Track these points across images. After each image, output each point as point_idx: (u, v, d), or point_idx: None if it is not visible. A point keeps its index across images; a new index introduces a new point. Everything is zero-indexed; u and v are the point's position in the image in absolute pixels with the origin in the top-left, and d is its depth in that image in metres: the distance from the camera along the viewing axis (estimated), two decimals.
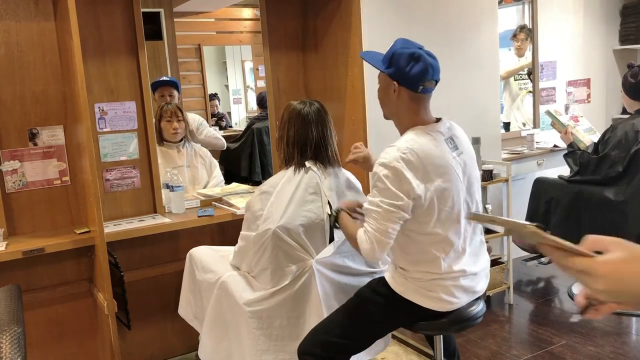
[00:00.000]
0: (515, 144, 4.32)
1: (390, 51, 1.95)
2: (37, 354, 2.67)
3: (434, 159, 1.87)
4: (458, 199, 1.91)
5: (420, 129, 1.92)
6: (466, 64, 3.69)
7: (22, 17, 2.55)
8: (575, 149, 3.56)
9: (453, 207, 1.90)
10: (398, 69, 1.91)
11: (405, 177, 1.83)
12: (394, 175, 1.84)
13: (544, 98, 4.52)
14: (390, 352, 2.87)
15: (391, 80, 1.94)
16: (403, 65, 1.90)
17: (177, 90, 3.56)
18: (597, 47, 4.71)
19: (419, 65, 1.89)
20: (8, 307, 1.61)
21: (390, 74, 1.93)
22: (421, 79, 1.90)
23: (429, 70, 1.90)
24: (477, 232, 2.04)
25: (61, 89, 2.63)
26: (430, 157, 1.87)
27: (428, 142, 1.89)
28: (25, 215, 2.64)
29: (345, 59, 2.86)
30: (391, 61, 1.93)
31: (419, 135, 1.90)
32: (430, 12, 3.49)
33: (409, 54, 1.90)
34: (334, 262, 2.21)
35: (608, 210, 3.28)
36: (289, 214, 2.13)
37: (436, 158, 1.87)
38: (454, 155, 1.93)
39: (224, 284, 2.26)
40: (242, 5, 4.29)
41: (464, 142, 2.02)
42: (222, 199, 2.97)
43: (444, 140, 1.93)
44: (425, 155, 1.86)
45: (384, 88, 2.00)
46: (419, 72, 1.89)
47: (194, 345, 2.53)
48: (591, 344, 3.04)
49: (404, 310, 1.99)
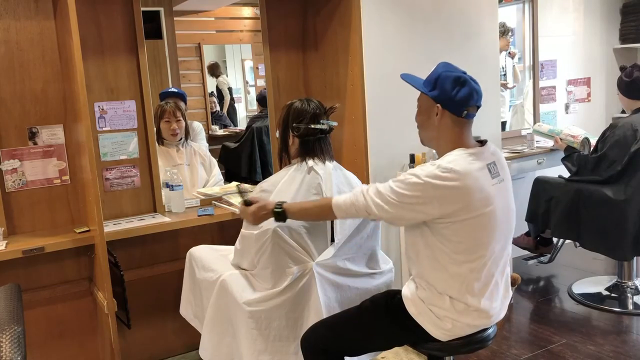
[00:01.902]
0: (515, 143, 4.32)
1: (434, 74, 1.90)
2: (37, 353, 2.67)
3: (473, 185, 1.77)
4: (492, 228, 1.82)
5: (464, 151, 1.84)
6: (466, 63, 3.64)
7: (22, 16, 2.54)
8: (571, 152, 3.57)
9: (485, 237, 1.82)
10: (443, 92, 1.85)
11: (432, 196, 1.76)
12: (420, 189, 1.77)
13: (544, 97, 4.52)
14: (390, 351, 2.86)
15: (434, 104, 1.88)
16: (449, 89, 1.84)
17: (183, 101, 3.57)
18: (597, 46, 4.71)
19: (465, 90, 1.84)
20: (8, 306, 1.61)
21: (435, 96, 1.87)
22: (466, 103, 1.85)
23: (473, 95, 1.86)
24: (505, 271, 1.96)
25: (61, 87, 2.63)
26: (468, 182, 1.76)
27: (469, 166, 1.80)
28: (25, 215, 2.64)
29: (345, 58, 2.86)
30: (436, 84, 1.87)
31: (461, 157, 1.81)
32: (431, 11, 3.48)
33: (455, 78, 1.85)
34: (335, 264, 2.21)
35: (608, 209, 3.28)
36: None
37: (476, 184, 1.78)
38: (494, 182, 1.84)
39: (224, 282, 2.26)
40: (242, 4, 4.29)
41: (505, 170, 1.93)
42: (222, 198, 2.97)
43: (486, 165, 1.84)
44: (465, 178, 1.76)
45: (426, 111, 1.92)
46: (465, 96, 1.84)
47: (194, 345, 2.53)
48: (591, 343, 3.04)
49: (412, 331, 1.93)
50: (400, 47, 3.37)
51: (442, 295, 1.87)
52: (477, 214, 1.79)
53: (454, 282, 1.85)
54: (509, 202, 1.92)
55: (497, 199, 1.83)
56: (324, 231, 2.20)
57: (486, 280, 1.87)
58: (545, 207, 3.58)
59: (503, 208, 1.87)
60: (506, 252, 1.94)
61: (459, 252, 1.83)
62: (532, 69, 4.50)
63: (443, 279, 1.86)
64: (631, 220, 3.24)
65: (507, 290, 1.99)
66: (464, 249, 1.82)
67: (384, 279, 2.35)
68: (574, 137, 3.81)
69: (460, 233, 1.80)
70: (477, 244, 1.82)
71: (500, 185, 1.86)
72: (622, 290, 3.60)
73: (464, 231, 1.80)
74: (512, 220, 1.95)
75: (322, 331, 2.04)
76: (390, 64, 3.29)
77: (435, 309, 1.88)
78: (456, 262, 1.84)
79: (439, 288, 1.87)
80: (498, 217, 1.83)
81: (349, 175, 2.34)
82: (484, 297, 1.87)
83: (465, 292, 1.85)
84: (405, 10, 3.39)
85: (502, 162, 1.94)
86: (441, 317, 1.87)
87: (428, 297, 1.89)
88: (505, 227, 1.90)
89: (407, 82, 1.98)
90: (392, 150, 3.30)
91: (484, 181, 1.81)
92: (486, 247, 1.83)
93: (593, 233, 3.39)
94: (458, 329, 1.88)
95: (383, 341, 2.06)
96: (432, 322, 1.88)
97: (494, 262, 1.88)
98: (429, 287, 1.89)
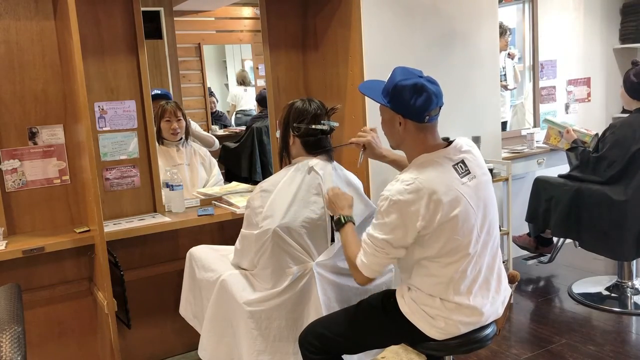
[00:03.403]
0: (515, 143, 4.32)
1: (389, 83, 1.90)
2: (37, 353, 2.67)
3: (439, 187, 1.80)
4: (468, 227, 1.83)
5: (425, 158, 1.87)
6: (466, 63, 3.68)
7: (22, 16, 2.54)
8: (579, 144, 3.56)
9: (463, 236, 1.83)
10: (402, 103, 1.86)
11: (408, 210, 1.78)
12: (395, 209, 1.80)
13: (544, 97, 4.52)
14: (390, 351, 2.86)
15: (395, 114, 1.89)
16: (407, 99, 1.84)
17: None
18: (597, 46, 4.71)
19: (423, 97, 1.84)
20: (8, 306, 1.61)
21: (394, 108, 1.89)
22: (426, 109, 1.85)
23: (432, 99, 1.85)
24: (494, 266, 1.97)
25: (61, 87, 2.63)
26: (435, 188, 1.79)
27: (433, 171, 1.83)
28: (25, 214, 2.64)
29: (345, 58, 2.86)
30: (393, 95, 1.88)
31: (424, 166, 1.84)
32: (430, 11, 3.48)
33: (411, 86, 1.84)
34: (335, 265, 2.21)
35: (608, 209, 3.28)
36: (292, 214, 2.13)
37: (441, 187, 1.80)
38: (463, 181, 1.85)
39: (224, 282, 2.26)
40: (242, 4, 4.29)
41: (477, 166, 1.92)
42: (222, 198, 2.97)
43: (452, 166, 1.86)
44: (429, 184, 1.79)
45: (389, 121, 1.94)
46: (423, 103, 1.84)
47: (194, 345, 2.53)
48: (591, 343, 3.04)
49: (407, 331, 1.95)
50: (400, 47, 3.37)
51: (432, 297, 1.90)
52: (451, 216, 1.80)
53: (441, 286, 1.88)
54: (485, 197, 1.91)
55: (469, 197, 1.84)
56: (324, 231, 2.20)
57: (474, 278, 1.89)
58: (545, 206, 3.58)
59: (478, 204, 1.87)
60: (491, 248, 1.94)
61: (442, 256, 1.84)
62: (532, 69, 4.50)
63: (431, 283, 1.89)
64: (632, 221, 3.23)
65: (500, 286, 1.99)
66: (447, 252, 1.84)
67: (384, 279, 2.35)
68: (587, 130, 3.80)
69: (440, 238, 1.82)
70: (457, 245, 1.83)
71: (472, 182, 1.87)
72: (622, 290, 3.61)
73: (443, 235, 1.81)
74: (491, 213, 1.94)
75: (320, 330, 2.05)
76: (390, 64, 3.27)
77: (427, 308, 1.90)
78: (441, 265, 1.86)
79: (428, 291, 1.90)
80: (471, 215, 1.84)
81: (349, 176, 2.34)
82: (473, 295, 1.89)
83: (454, 292, 1.87)
84: (406, 10, 3.40)
85: (475, 159, 1.93)
86: (434, 316, 1.89)
87: (419, 297, 1.92)
88: (484, 223, 1.90)
89: (365, 94, 2.01)
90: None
91: (450, 183, 1.83)
92: (467, 246, 1.85)
93: (592, 233, 3.38)
94: (452, 327, 1.90)
95: (380, 339, 2.08)
96: (426, 321, 1.91)
97: (479, 259, 1.90)
98: (417, 290, 1.93)
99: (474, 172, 1.90)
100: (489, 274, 1.94)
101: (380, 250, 1.86)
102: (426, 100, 1.84)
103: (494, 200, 1.98)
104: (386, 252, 1.86)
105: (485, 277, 1.93)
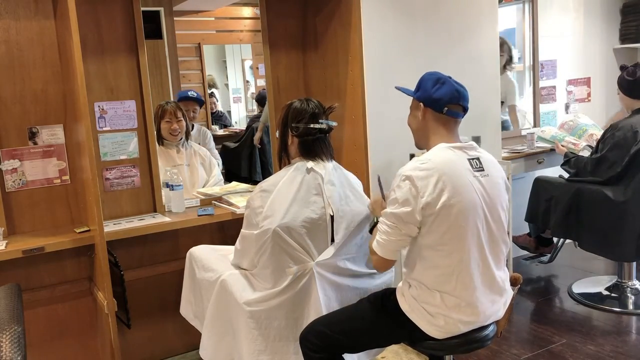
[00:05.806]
0: (515, 143, 4.32)
1: (420, 79, 2.06)
2: (37, 353, 2.67)
3: (451, 171, 1.86)
4: (473, 217, 1.86)
5: (444, 145, 1.95)
6: (466, 63, 3.68)
7: (22, 16, 2.54)
8: (569, 157, 3.58)
9: (466, 225, 1.86)
10: (424, 91, 2.00)
11: (417, 184, 1.84)
12: (406, 184, 1.86)
13: (544, 97, 4.52)
14: (390, 351, 2.87)
15: (418, 103, 2.02)
16: (429, 87, 1.99)
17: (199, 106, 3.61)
18: (597, 46, 4.71)
19: (444, 88, 1.97)
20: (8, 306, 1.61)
21: (418, 96, 2.02)
22: (446, 100, 1.96)
23: (454, 93, 1.97)
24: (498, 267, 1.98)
25: (61, 87, 2.63)
26: (446, 170, 1.85)
27: (448, 157, 1.90)
28: (25, 214, 2.64)
29: (345, 58, 2.86)
30: (419, 86, 2.04)
31: (441, 150, 1.93)
32: (431, 11, 3.48)
33: (436, 78, 2.00)
34: (335, 264, 2.21)
35: (608, 210, 3.28)
36: (292, 214, 2.13)
37: (453, 171, 1.87)
38: (475, 174, 1.91)
39: (224, 282, 2.26)
40: (242, 4, 4.29)
41: (494, 168, 1.99)
42: (222, 198, 2.97)
43: (467, 158, 1.93)
44: (442, 166, 1.86)
45: (414, 109, 2.07)
46: (444, 93, 1.96)
47: (194, 344, 2.53)
48: (591, 343, 3.04)
49: (407, 329, 1.97)
50: (400, 47, 3.37)
51: (433, 292, 1.91)
52: (455, 201, 1.84)
53: (443, 277, 1.89)
54: (496, 197, 1.95)
55: (477, 189, 1.89)
56: (324, 231, 2.20)
57: (476, 274, 1.90)
58: (545, 206, 3.58)
59: (486, 200, 1.91)
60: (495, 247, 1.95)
61: (445, 243, 1.87)
62: (532, 69, 4.50)
63: (433, 275, 1.91)
64: (632, 222, 3.23)
65: (502, 287, 2.00)
66: (449, 239, 1.86)
67: (384, 279, 2.35)
68: (574, 145, 3.84)
69: (443, 222, 1.84)
70: (460, 233, 1.86)
71: (484, 179, 1.92)
72: (622, 290, 3.61)
73: (447, 220, 1.84)
74: (499, 214, 1.96)
75: (321, 328, 2.05)
76: (390, 64, 3.30)
77: (427, 306, 1.92)
78: (443, 254, 1.88)
79: (430, 285, 1.92)
80: (477, 206, 1.88)
81: (349, 175, 2.34)
82: (474, 291, 1.90)
83: (455, 285, 1.88)
84: (405, 10, 3.39)
85: (491, 162, 2.00)
86: (434, 314, 1.91)
87: (420, 295, 1.93)
88: (491, 220, 1.92)
89: (400, 89, 2.13)
90: (392, 150, 3.30)
91: (463, 171, 1.88)
92: (470, 236, 1.87)
93: (592, 234, 3.39)
94: (452, 326, 1.91)
95: (380, 338, 2.09)
96: (425, 319, 1.92)
97: (483, 255, 1.91)
98: (419, 286, 1.94)
99: (488, 170, 1.96)
100: (491, 274, 1.95)
101: (393, 226, 1.89)
102: (447, 91, 1.96)
103: (505, 203, 2.01)
104: (398, 228, 1.88)
105: (488, 276, 1.94)
